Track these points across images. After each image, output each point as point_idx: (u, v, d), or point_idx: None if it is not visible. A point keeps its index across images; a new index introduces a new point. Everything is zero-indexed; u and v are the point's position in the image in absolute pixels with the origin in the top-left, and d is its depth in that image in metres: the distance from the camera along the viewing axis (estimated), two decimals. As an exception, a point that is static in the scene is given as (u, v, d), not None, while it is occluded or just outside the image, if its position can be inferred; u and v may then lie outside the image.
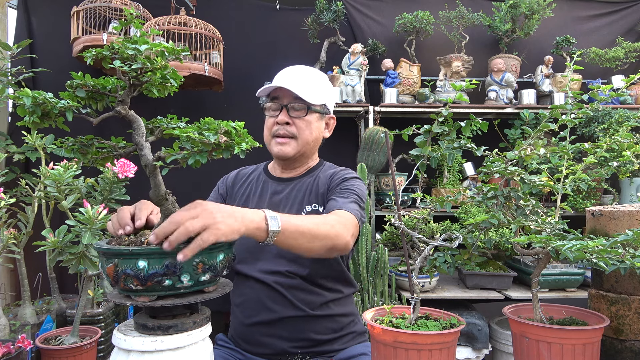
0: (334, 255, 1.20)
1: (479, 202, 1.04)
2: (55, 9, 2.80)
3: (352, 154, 2.87)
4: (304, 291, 1.35)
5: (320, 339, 1.35)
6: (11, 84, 2.16)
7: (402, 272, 2.44)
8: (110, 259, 0.80)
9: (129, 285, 0.80)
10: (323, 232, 1.10)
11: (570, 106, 1.04)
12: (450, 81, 2.88)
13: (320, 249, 1.11)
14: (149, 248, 0.80)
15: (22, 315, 1.59)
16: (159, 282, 0.80)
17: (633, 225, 1.06)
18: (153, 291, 0.81)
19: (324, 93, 1.43)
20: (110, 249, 0.81)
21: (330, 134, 1.52)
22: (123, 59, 0.85)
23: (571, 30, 3.22)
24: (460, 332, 0.90)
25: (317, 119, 1.43)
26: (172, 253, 0.80)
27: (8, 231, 1.53)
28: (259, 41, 3.07)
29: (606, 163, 1.22)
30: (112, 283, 0.83)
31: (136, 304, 0.82)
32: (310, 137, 1.42)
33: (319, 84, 1.43)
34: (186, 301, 0.83)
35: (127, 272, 0.79)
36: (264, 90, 1.42)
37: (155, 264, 0.79)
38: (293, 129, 1.39)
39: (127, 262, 0.79)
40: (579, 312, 1.04)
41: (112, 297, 0.87)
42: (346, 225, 1.19)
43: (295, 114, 1.39)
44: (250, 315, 1.36)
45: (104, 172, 1.57)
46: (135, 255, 0.79)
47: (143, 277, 0.79)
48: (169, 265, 0.80)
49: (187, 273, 0.82)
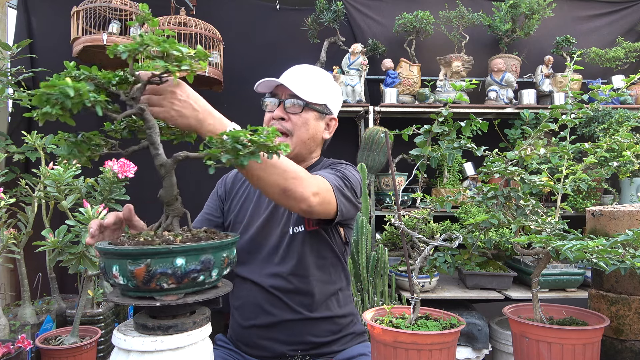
0: (288, 204, 1.11)
1: (479, 202, 1.04)
2: (55, 9, 2.80)
3: (352, 154, 2.87)
4: (302, 294, 1.34)
5: (319, 342, 1.35)
6: (11, 83, 2.16)
7: (402, 272, 2.44)
8: (140, 259, 0.77)
9: (162, 285, 0.79)
10: (282, 167, 1.04)
11: (570, 106, 1.04)
12: (450, 81, 2.88)
13: (272, 184, 1.04)
14: (187, 245, 0.80)
15: (22, 315, 1.59)
16: (194, 279, 0.80)
17: (633, 225, 1.06)
18: (185, 288, 0.81)
19: (325, 93, 1.41)
20: (145, 249, 0.78)
21: (331, 136, 1.49)
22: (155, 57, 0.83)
23: (571, 30, 3.22)
24: (460, 332, 0.90)
25: (315, 118, 1.40)
26: (208, 248, 0.81)
27: (8, 231, 1.53)
28: (259, 41, 3.07)
29: (606, 163, 1.22)
30: (136, 285, 0.79)
31: (165, 303, 0.81)
32: (305, 135, 1.38)
33: (320, 83, 1.42)
34: (208, 296, 0.85)
35: (163, 271, 0.77)
36: (263, 86, 1.40)
37: (192, 261, 0.79)
38: (288, 124, 1.37)
39: (163, 261, 0.77)
40: (579, 312, 1.04)
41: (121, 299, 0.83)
42: (313, 182, 1.12)
43: (291, 110, 1.36)
44: (249, 318, 1.36)
45: (103, 172, 1.57)
46: (174, 253, 0.78)
47: (180, 274, 0.78)
48: (204, 260, 0.81)
49: (217, 268, 0.83)
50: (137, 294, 0.82)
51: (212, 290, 0.88)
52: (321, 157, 1.52)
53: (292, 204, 1.10)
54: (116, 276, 0.79)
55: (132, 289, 0.81)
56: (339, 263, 1.43)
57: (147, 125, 0.87)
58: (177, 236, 0.84)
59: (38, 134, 1.66)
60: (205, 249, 0.81)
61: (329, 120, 1.46)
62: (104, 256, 0.83)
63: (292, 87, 1.34)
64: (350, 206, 1.29)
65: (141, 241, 0.83)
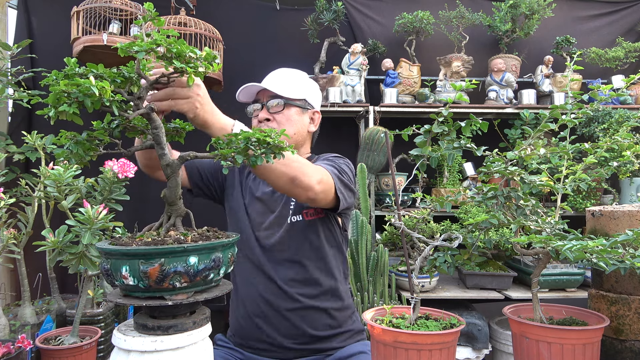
0: (294, 193, 1.18)
1: (479, 202, 1.04)
2: (55, 9, 2.80)
3: (352, 154, 2.87)
4: (301, 283, 1.37)
5: (317, 335, 1.36)
6: (11, 83, 2.16)
7: (402, 272, 2.44)
8: (154, 259, 0.77)
9: (174, 284, 0.79)
10: (289, 159, 1.10)
11: (570, 106, 1.04)
12: (450, 81, 2.88)
13: (280, 175, 1.11)
14: (200, 244, 0.81)
15: (22, 315, 1.59)
16: (205, 277, 0.82)
17: (633, 225, 1.06)
18: (195, 287, 0.82)
19: (302, 88, 1.47)
20: (159, 249, 0.77)
21: (317, 129, 1.55)
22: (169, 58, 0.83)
23: (571, 30, 3.22)
24: (460, 332, 0.90)
25: (298, 113, 1.46)
26: (218, 246, 0.82)
27: (8, 231, 1.53)
28: (259, 41, 3.06)
29: (606, 163, 1.22)
30: (147, 285, 0.79)
31: (177, 302, 0.81)
32: (291, 131, 1.44)
33: (296, 80, 1.48)
34: (215, 294, 0.86)
35: (177, 270, 0.78)
36: (245, 95, 1.48)
37: (204, 259, 0.81)
38: (274, 124, 1.43)
39: (177, 260, 0.78)
40: (579, 312, 1.04)
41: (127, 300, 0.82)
42: (317, 171, 1.20)
43: (274, 110, 1.43)
44: (248, 307, 1.38)
45: (103, 172, 1.57)
46: (188, 252, 0.79)
47: (193, 273, 0.79)
48: (215, 259, 0.82)
49: (224, 265, 0.85)
50: (146, 294, 0.81)
51: (217, 288, 0.89)
52: (312, 154, 1.56)
53: (299, 192, 1.16)
54: (125, 277, 0.78)
55: (142, 289, 0.80)
56: (339, 253, 1.46)
57: (153, 125, 0.87)
58: (186, 235, 0.84)
59: (38, 134, 1.66)
60: (216, 247, 0.82)
61: (312, 114, 1.53)
62: (110, 257, 0.81)
63: (271, 87, 1.41)
64: (349, 193, 1.34)
65: (149, 241, 0.82)
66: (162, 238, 0.83)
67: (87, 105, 0.75)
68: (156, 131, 0.87)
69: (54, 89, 0.73)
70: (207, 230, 0.93)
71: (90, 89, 0.72)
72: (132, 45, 0.80)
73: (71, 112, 0.74)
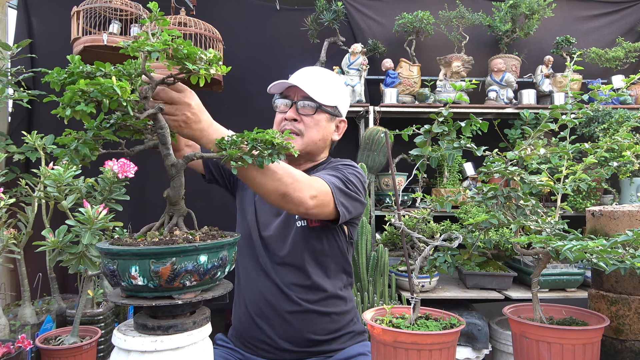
0: (286, 208, 1.14)
1: (479, 202, 1.04)
2: (55, 9, 2.80)
3: (352, 154, 2.87)
4: (303, 287, 1.36)
5: (318, 339, 1.35)
6: (11, 83, 2.16)
7: (402, 272, 2.44)
8: (165, 258, 0.77)
9: (184, 283, 0.80)
10: (281, 173, 1.05)
11: (570, 106, 1.04)
12: (450, 81, 2.88)
13: (272, 190, 1.05)
14: (210, 242, 0.81)
15: (22, 315, 1.59)
16: (213, 275, 0.83)
17: (633, 225, 1.06)
18: (202, 285, 0.83)
19: (336, 95, 1.43)
20: (171, 248, 0.78)
21: (340, 137, 1.51)
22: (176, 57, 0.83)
23: (571, 30, 3.22)
24: (460, 332, 0.90)
25: (327, 120, 1.43)
26: (225, 245, 0.83)
27: (8, 231, 1.53)
28: (259, 41, 3.06)
29: (606, 163, 1.22)
30: (157, 284, 0.78)
31: (185, 301, 0.81)
32: (316, 136, 1.41)
33: (332, 85, 1.44)
34: (220, 292, 0.87)
35: (187, 269, 0.79)
36: (276, 87, 1.42)
37: (213, 258, 0.82)
38: (300, 125, 1.39)
39: (188, 259, 0.79)
40: (579, 312, 1.04)
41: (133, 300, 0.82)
42: (311, 185, 1.14)
43: (304, 112, 1.39)
44: (250, 308, 1.38)
45: (103, 172, 1.57)
46: (199, 251, 0.80)
47: (203, 271, 0.80)
48: (222, 257, 0.83)
49: (229, 264, 0.86)
50: (154, 294, 0.81)
51: (220, 286, 0.90)
52: (328, 157, 1.54)
53: (290, 207, 1.12)
54: (135, 277, 0.78)
55: (151, 289, 0.80)
56: (342, 261, 1.44)
57: (158, 126, 0.87)
58: (194, 234, 0.85)
59: (38, 134, 1.66)
60: (223, 245, 0.84)
61: (339, 122, 1.50)
62: (117, 258, 0.80)
63: (306, 89, 1.36)
64: (354, 203, 1.30)
65: (157, 241, 0.82)
66: (170, 238, 0.83)
67: (105, 104, 0.75)
68: (162, 131, 0.87)
69: (71, 89, 0.73)
70: (210, 230, 0.93)
71: (112, 89, 0.73)
72: (144, 45, 0.80)
73: (87, 112, 0.74)
